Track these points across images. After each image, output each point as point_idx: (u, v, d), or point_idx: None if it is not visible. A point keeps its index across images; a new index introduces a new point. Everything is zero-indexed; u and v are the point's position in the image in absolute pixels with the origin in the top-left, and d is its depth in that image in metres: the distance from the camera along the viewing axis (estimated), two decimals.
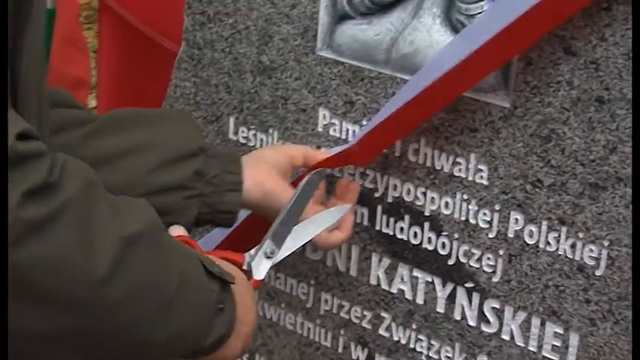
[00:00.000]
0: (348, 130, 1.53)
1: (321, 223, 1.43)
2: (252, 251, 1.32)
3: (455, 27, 1.36)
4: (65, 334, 0.94)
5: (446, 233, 1.38)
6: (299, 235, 1.40)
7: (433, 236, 1.39)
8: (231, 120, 1.66)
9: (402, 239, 1.43)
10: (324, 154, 1.50)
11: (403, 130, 1.35)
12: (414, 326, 1.47)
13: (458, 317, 1.41)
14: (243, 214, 1.54)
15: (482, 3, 1.34)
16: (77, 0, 2.71)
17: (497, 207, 1.33)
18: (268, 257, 1.33)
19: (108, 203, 0.98)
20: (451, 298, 1.41)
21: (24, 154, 0.85)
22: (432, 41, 1.38)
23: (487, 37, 1.24)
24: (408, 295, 1.46)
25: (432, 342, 1.46)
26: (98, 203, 0.94)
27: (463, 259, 1.37)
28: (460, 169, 1.38)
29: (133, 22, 2.12)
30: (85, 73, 2.47)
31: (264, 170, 1.44)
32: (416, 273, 1.44)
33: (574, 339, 1.25)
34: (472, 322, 1.39)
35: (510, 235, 1.29)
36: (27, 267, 0.85)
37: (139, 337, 1.01)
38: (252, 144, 1.66)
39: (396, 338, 1.50)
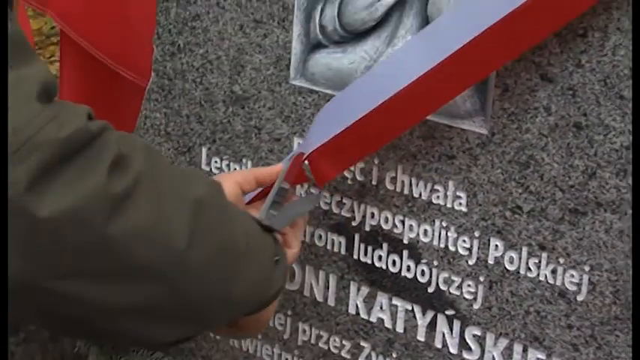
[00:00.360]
0: None
1: (300, 207, 1.48)
2: None
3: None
4: (163, 304, 0.97)
5: (425, 261, 1.37)
6: (282, 219, 1.43)
7: (412, 264, 1.39)
8: (204, 150, 1.67)
9: (381, 267, 1.43)
10: (276, 169, 1.49)
11: (366, 145, 1.32)
12: (394, 355, 1.46)
13: (439, 345, 1.40)
14: None
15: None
16: (29, 25, 2.67)
17: (476, 234, 1.34)
18: None
19: (171, 169, 1.08)
20: (432, 326, 1.40)
21: (97, 132, 0.88)
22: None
23: (455, 47, 1.20)
24: (388, 324, 1.46)
25: None
26: (164, 169, 1.00)
27: (443, 287, 1.37)
28: (438, 197, 1.38)
29: (97, 55, 2.09)
30: None
31: None
32: (395, 301, 1.43)
33: None
34: (453, 350, 1.39)
35: (490, 261, 1.30)
36: (124, 240, 0.88)
37: (223, 295, 1.07)
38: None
39: None
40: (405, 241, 1.44)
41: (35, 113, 0.85)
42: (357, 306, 1.49)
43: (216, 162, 1.66)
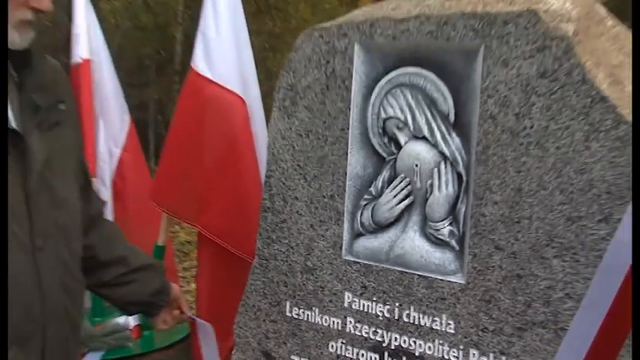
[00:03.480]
0: (363, 304, 1.81)
1: None
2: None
3: (428, 237, 1.69)
4: None
5: None
6: None
7: None
8: (288, 304, 1.95)
9: None
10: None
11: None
12: None
13: None
14: None
15: (444, 222, 1.66)
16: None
17: (461, 347, 1.63)
18: None
19: None
20: None
21: None
22: (414, 246, 1.71)
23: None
24: None
25: None
26: None
27: None
28: (436, 324, 1.68)
29: (227, 247, 2.50)
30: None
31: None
32: None
33: None
34: None
35: None
36: None
37: None
38: (302, 318, 1.93)
39: None
40: (417, 354, 1.70)
41: None
42: None
43: (295, 310, 1.93)
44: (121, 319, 2.54)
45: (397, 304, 1.73)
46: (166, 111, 13.24)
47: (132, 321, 2.55)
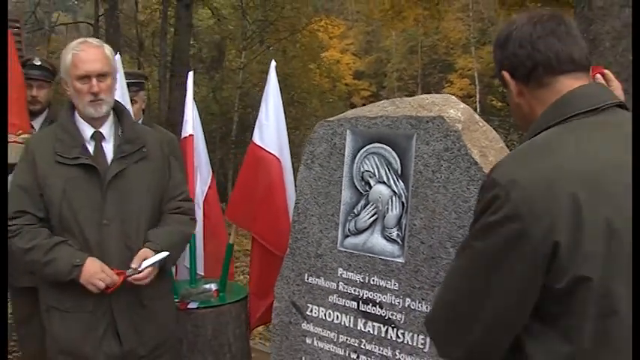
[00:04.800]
0: (348, 274, 1.80)
1: (154, 260, 1.75)
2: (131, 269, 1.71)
3: (385, 237, 1.74)
4: None
5: None
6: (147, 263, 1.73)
7: None
8: (306, 274, 1.97)
9: None
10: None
11: None
12: None
13: None
14: None
15: (394, 229, 1.70)
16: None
17: (401, 297, 1.69)
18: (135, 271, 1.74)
19: None
20: None
21: None
22: (378, 242, 1.77)
23: None
24: None
25: None
26: None
27: None
28: (388, 285, 1.72)
29: (267, 246, 2.49)
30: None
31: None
32: None
33: None
34: None
35: None
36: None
37: None
38: (314, 283, 1.92)
39: None
40: (377, 301, 1.75)
41: None
42: None
43: (310, 278, 1.95)
44: (207, 285, 2.53)
45: (367, 274, 1.82)
46: (225, 166, 13.34)
47: (213, 286, 2.53)
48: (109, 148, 1.83)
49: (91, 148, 1.82)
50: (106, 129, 1.85)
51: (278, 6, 12.87)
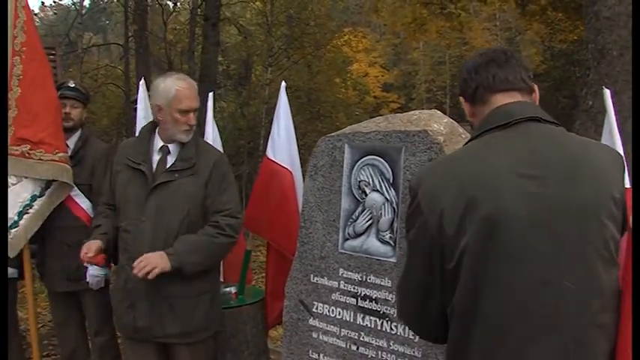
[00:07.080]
0: (348, 274, 1.89)
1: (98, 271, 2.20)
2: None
3: (380, 240, 1.82)
4: None
5: None
6: None
7: None
8: (312, 275, 2.06)
9: None
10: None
11: None
12: None
13: None
14: None
15: (387, 232, 1.78)
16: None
17: (393, 292, 1.77)
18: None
19: None
20: None
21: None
22: (373, 244, 1.85)
23: None
24: None
25: None
26: None
27: None
28: (383, 282, 1.82)
29: (279, 249, 2.63)
30: None
31: None
32: None
33: None
34: None
35: None
36: None
37: None
38: (319, 282, 2.01)
39: None
40: (373, 297, 1.83)
41: None
42: None
43: (315, 278, 2.05)
44: (227, 289, 2.67)
45: (364, 273, 1.91)
46: (254, 179, 13.46)
47: (233, 290, 2.69)
48: (170, 161, 2.15)
49: (156, 158, 2.14)
50: (173, 146, 2.18)
51: (302, 22, 12.97)
